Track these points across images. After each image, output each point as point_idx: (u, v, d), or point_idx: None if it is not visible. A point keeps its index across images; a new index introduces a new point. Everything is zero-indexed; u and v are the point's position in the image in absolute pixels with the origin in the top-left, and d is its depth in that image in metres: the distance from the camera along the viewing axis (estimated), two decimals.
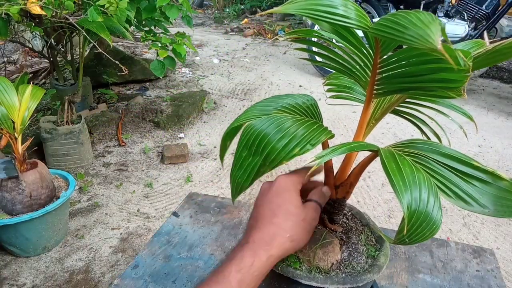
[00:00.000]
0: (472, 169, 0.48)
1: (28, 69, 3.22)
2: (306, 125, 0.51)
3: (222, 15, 6.66)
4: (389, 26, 0.40)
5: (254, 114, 0.57)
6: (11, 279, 1.53)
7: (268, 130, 0.50)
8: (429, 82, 0.45)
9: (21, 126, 1.47)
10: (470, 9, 3.11)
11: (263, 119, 0.52)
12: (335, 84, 0.69)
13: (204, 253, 0.89)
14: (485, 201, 0.46)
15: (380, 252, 0.62)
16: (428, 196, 0.43)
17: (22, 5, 1.48)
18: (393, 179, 0.44)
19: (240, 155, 0.51)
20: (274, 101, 0.60)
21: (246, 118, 0.56)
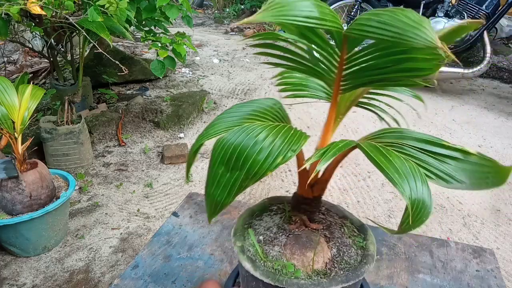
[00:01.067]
0: (444, 149, 0.52)
1: (28, 69, 3.22)
2: (283, 132, 0.50)
3: (222, 15, 6.65)
4: (381, 28, 0.40)
5: (224, 127, 0.53)
6: (11, 279, 1.53)
7: (245, 143, 0.48)
8: (398, 73, 0.47)
9: (21, 126, 1.47)
10: (470, 9, 3.11)
11: (236, 131, 0.50)
12: (289, 83, 0.67)
13: (204, 253, 0.89)
14: (461, 176, 0.50)
15: (367, 241, 0.63)
16: (421, 184, 0.46)
17: (22, 5, 1.48)
18: (387, 172, 0.45)
19: (215, 172, 0.49)
20: (240, 109, 0.57)
21: (216, 132, 0.53)
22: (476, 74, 3.13)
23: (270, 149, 0.47)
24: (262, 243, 0.60)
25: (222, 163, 0.48)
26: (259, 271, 0.54)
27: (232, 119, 0.55)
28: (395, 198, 2.02)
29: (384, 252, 0.90)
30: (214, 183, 0.49)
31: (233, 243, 0.58)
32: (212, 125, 0.55)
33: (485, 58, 3.07)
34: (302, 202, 0.62)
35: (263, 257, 0.57)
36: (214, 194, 0.49)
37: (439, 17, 3.18)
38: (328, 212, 0.68)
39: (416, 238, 0.95)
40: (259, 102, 0.59)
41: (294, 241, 0.60)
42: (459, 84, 3.71)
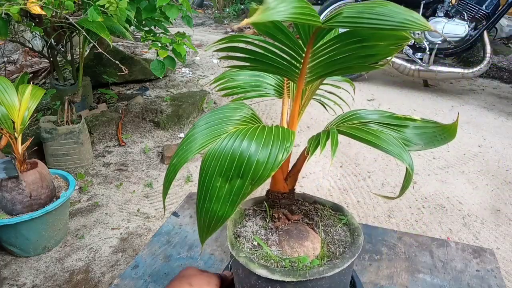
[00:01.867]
0: (398, 119, 0.60)
1: (28, 69, 3.22)
2: (273, 131, 0.50)
3: (222, 15, 6.66)
4: (379, 18, 0.43)
5: (206, 139, 0.51)
6: (11, 279, 1.53)
7: (243, 149, 0.47)
8: (359, 59, 0.50)
9: (21, 126, 1.47)
10: (470, 9, 3.11)
11: (227, 139, 0.48)
12: (234, 86, 0.66)
13: (204, 253, 0.89)
14: (416, 140, 0.59)
15: (347, 216, 0.66)
16: (406, 151, 0.52)
17: (22, 5, 1.48)
18: (383, 147, 0.50)
19: (212, 185, 0.47)
20: (213, 119, 0.54)
21: (199, 146, 0.50)
22: (476, 74, 3.13)
23: (270, 149, 0.47)
24: (257, 247, 0.60)
25: (220, 174, 0.47)
26: (277, 274, 0.54)
27: (210, 130, 0.52)
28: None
29: (384, 252, 0.90)
30: (212, 198, 0.47)
31: (236, 256, 0.56)
32: (188, 142, 0.51)
33: (485, 58, 3.07)
34: (280, 197, 0.63)
35: (277, 258, 0.57)
36: (213, 209, 0.47)
37: (439, 17, 3.18)
38: (299, 202, 0.69)
39: (416, 238, 0.95)
40: (228, 108, 0.56)
41: (287, 236, 0.60)
42: (459, 84, 3.71)
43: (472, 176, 2.21)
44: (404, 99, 3.26)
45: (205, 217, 0.48)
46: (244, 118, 0.55)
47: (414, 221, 1.85)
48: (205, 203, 0.47)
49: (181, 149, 0.52)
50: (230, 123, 0.53)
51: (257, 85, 0.66)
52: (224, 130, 0.51)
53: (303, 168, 0.62)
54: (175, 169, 0.51)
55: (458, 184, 2.14)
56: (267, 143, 0.47)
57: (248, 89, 0.66)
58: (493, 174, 2.23)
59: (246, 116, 0.55)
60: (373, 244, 0.92)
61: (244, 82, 0.66)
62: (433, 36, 3.15)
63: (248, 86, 0.66)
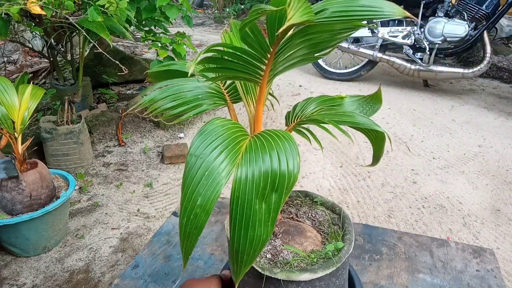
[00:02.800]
0: (334, 100, 0.67)
1: (28, 69, 3.22)
2: (276, 136, 0.51)
3: (222, 15, 6.65)
4: (363, 10, 0.47)
5: (226, 172, 0.46)
6: (11, 279, 1.53)
7: (270, 160, 0.45)
8: (311, 51, 0.53)
9: (21, 126, 1.47)
10: (470, 9, 3.11)
11: (249, 160, 0.46)
12: (172, 107, 0.60)
13: (204, 253, 0.89)
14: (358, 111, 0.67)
15: (317, 197, 0.69)
16: (374, 122, 0.57)
17: (22, 5, 1.48)
18: (362, 123, 0.56)
19: (252, 210, 0.44)
20: (208, 140, 0.49)
21: (224, 178, 0.46)
22: (476, 74, 3.13)
23: (285, 154, 0.47)
24: (272, 258, 0.59)
25: (257, 195, 0.44)
26: (320, 271, 0.54)
27: (217, 151, 0.47)
28: (395, 198, 2.02)
29: (384, 252, 0.90)
30: (255, 223, 0.44)
31: (273, 275, 0.54)
32: (192, 183, 0.45)
33: (485, 58, 3.07)
34: None
35: (307, 256, 0.58)
36: (258, 234, 0.44)
37: (439, 17, 3.18)
38: None
39: (416, 238, 0.95)
40: (214, 124, 0.52)
41: (289, 236, 0.60)
42: (459, 84, 3.71)
43: (472, 176, 2.21)
44: (404, 99, 3.26)
45: (248, 248, 0.44)
46: (236, 130, 0.52)
47: (414, 221, 1.85)
48: (247, 232, 0.44)
49: (192, 186, 0.44)
50: (232, 142, 0.49)
51: (196, 98, 0.62)
52: (235, 152, 0.48)
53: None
54: (198, 226, 0.44)
55: (458, 184, 2.14)
56: (282, 149, 0.47)
57: (189, 104, 0.61)
58: (493, 174, 2.23)
59: (237, 129, 0.52)
60: (373, 244, 0.92)
61: (183, 100, 0.61)
62: (433, 36, 3.15)
63: (188, 100, 0.61)
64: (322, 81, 3.69)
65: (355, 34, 3.50)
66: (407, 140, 2.60)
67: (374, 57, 3.38)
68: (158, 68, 0.68)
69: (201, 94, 0.62)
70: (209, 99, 0.63)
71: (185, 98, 0.61)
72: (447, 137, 2.65)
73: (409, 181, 2.16)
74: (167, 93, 0.61)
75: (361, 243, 0.92)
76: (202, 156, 0.46)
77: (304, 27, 0.47)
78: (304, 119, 0.60)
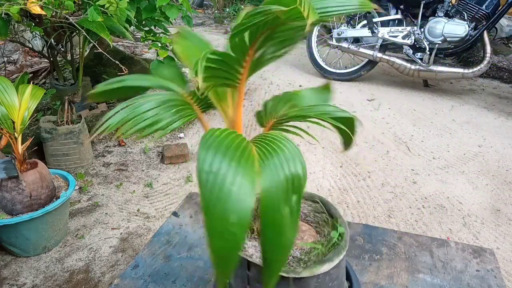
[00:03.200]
0: (293, 94, 0.71)
1: (28, 69, 3.22)
2: (280, 139, 0.52)
3: (222, 15, 6.65)
4: (340, 5, 0.50)
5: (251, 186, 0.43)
6: (11, 279, 1.53)
7: (289, 163, 0.45)
8: (289, 39, 0.54)
9: (21, 126, 1.47)
10: (470, 9, 3.10)
11: (267, 168, 0.45)
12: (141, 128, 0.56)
13: (204, 253, 0.89)
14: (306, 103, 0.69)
15: (305, 194, 0.71)
16: (344, 110, 0.61)
17: (22, 5, 1.48)
18: (338, 113, 0.59)
19: (283, 216, 0.43)
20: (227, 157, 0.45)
21: (252, 184, 0.43)
22: (476, 74, 3.13)
23: (295, 154, 0.48)
24: None
25: (284, 201, 0.43)
26: (336, 259, 0.55)
27: (233, 163, 0.44)
28: (395, 198, 2.02)
29: (384, 252, 0.90)
30: (285, 229, 0.43)
31: (298, 275, 0.54)
32: (218, 202, 0.41)
33: (485, 58, 3.07)
34: None
35: (318, 247, 0.58)
36: (288, 238, 0.43)
37: (439, 17, 3.18)
38: None
39: (416, 238, 0.95)
40: (214, 136, 0.49)
41: None
42: (459, 84, 3.71)
43: (472, 176, 2.21)
44: (404, 99, 3.26)
45: (280, 255, 0.43)
46: (236, 137, 0.50)
47: (414, 221, 1.85)
48: (280, 239, 0.43)
49: (221, 213, 0.40)
50: (241, 150, 0.47)
51: (158, 120, 0.57)
52: (250, 160, 0.45)
53: None
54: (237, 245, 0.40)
55: (458, 184, 2.14)
56: (286, 151, 0.47)
57: (161, 122, 0.56)
58: (493, 174, 2.23)
59: (237, 136, 0.51)
60: (373, 244, 0.92)
61: (155, 118, 0.57)
62: (433, 36, 3.15)
63: (159, 119, 0.57)
64: (322, 81, 3.69)
65: (355, 34, 3.50)
66: (407, 140, 2.60)
67: (374, 57, 3.38)
68: (105, 87, 0.60)
69: (170, 109, 0.57)
70: (181, 113, 0.58)
71: (156, 117, 0.55)
72: (447, 137, 2.65)
73: (409, 181, 2.16)
74: (134, 114, 0.55)
75: (361, 243, 0.92)
76: (218, 171, 0.43)
77: (276, 27, 0.48)
78: (285, 117, 0.59)
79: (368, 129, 2.73)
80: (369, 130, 2.71)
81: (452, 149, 2.50)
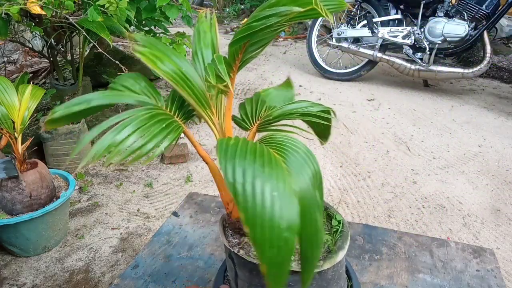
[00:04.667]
0: (263, 90, 0.73)
1: (28, 69, 3.22)
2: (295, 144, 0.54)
3: (222, 15, 6.65)
4: None
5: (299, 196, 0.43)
6: (11, 279, 1.53)
7: (306, 164, 0.47)
8: (260, 44, 0.56)
9: (21, 126, 1.47)
10: (470, 9, 3.11)
11: (296, 168, 0.45)
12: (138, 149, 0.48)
13: (204, 253, 0.89)
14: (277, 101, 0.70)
15: None
16: (317, 104, 0.62)
17: (22, 5, 1.48)
18: (318, 114, 0.59)
19: (318, 220, 0.43)
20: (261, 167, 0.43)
21: (289, 186, 0.41)
22: (476, 74, 3.13)
23: (307, 151, 0.50)
24: None
25: (314, 199, 0.44)
26: (346, 244, 0.58)
27: (266, 169, 0.42)
28: (395, 198, 2.02)
29: (384, 252, 0.90)
30: (321, 227, 0.43)
31: (324, 267, 0.55)
32: (263, 211, 0.39)
33: (485, 58, 3.07)
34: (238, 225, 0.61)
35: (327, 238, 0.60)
36: (320, 237, 0.44)
37: (439, 17, 3.18)
38: None
39: (416, 238, 0.95)
40: (228, 144, 0.47)
41: None
42: (459, 84, 3.71)
43: (472, 176, 2.21)
44: (404, 99, 3.26)
45: (319, 251, 0.44)
46: (250, 142, 0.49)
47: (414, 221, 1.85)
48: (318, 235, 0.43)
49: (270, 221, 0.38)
50: (265, 155, 0.45)
51: (146, 143, 0.49)
52: (276, 163, 0.44)
53: None
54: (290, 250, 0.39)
55: (458, 184, 2.14)
56: (298, 150, 0.48)
57: (157, 137, 0.50)
58: (493, 174, 2.23)
59: (248, 141, 0.50)
60: (373, 244, 0.92)
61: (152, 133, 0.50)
62: (433, 36, 3.15)
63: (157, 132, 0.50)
64: (322, 81, 3.69)
65: (355, 34, 3.50)
66: (407, 140, 2.60)
67: (374, 57, 3.38)
68: (67, 110, 0.50)
69: (158, 127, 0.50)
70: (169, 129, 0.51)
71: (143, 139, 0.48)
72: (447, 137, 2.65)
73: (409, 181, 2.16)
74: (116, 140, 0.48)
75: (361, 243, 0.92)
76: (254, 179, 0.41)
77: (263, 27, 0.48)
78: (271, 118, 0.59)
79: (368, 129, 2.73)
80: (369, 130, 2.71)
81: (452, 149, 2.50)
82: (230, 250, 0.59)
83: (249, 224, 0.38)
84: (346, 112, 3.00)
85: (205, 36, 0.62)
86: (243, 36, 0.47)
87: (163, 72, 0.55)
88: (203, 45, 0.61)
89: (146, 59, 0.54)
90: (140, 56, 0.54)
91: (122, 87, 0.60)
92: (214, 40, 0.62)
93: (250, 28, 0.46)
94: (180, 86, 0.55)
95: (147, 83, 0.59)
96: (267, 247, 0.38)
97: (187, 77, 0.57)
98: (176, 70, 0.56)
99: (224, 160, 0.43)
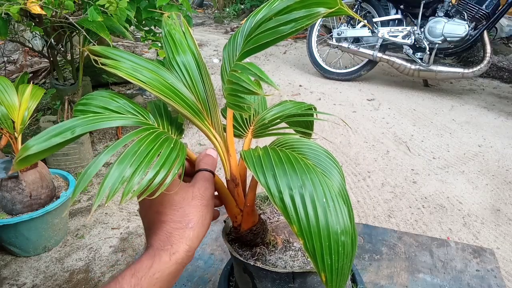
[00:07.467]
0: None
1: (28, 68, 3.22)
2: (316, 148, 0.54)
3: (222, 14, 6.65)
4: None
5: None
6: (11, 279, 1.53)
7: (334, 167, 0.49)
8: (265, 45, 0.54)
9: (21, 125, 1.47)
10: (470, 9, 3.10)
11: (331, 174, 0.45)
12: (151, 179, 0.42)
13: (204, 253, 0.89)
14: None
15: None
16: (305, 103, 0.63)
17: (22, 4, 1.48)
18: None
19: None
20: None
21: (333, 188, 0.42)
22: (476, 74, 3.13)
23: (327, 152, 0.52)
24: (296, 255, 0.59)
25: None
26: None
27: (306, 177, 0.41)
28: (395, 198, 2.02)
29: (384, 252, 0.90)
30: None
31: None
32: (315, 218, 0.39)
33: (485, 58, 3.07)
34: (246, 236, 0.57)
35: None
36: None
37: (439, 17, 3.18)
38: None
39: (416, 238, 0.95)
40: (254, 155, 0.46)
41: (282, 229, 0.61)
42: (459, 84, 3.71)
43: (472, 176, 2.21)
44: (404, 99, 3.26)
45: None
46: (281, 152, 0.47)
47: (414, 221, 1.85)
48: (356, 234, 0.43)
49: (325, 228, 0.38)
50: (296, 161, 0.43)
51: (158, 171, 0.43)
52: (314, 169, 0.43)
53: None
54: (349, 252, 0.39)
55: (458, 184, 2.14)
56: (319, 154, 0.50)
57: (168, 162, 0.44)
58: (493, 174, 2.23)
59: (277, 149, 0.49)
60: (373, 244, 0.92)
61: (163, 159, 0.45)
62: (433, 36, 3.15)
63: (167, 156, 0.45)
64: (322, 81, 3.69)
65: (355, 34, 3.50)
66: (407, 140, 2.60)
67: (374, 57, 3.38)
68: (46, 143, 0.39)
69: (165, 150, 0.45)
70: (176, 151, 0.45)
71: (165, 153, 0.43)
72: (447, 137, 2.65)
73: (409, 181, 2.16)
74: (139, 159, 0.43)
75: (361, 243, 0.92)
76: (302, 188, 0.40)
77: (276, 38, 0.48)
78: (266, 122, 0.57)
79: (368, 129, 2.73)
80: (369, 130, 2.71)
81: (452, 149, 2.50)
82: (245, 263, 0.55)
83: (304, 235, 0.38)
84: (346, 112, 3.00)
85: (181, 43, 0.54)
86: (251, 48, 0.45)
87: (147, 85, 0.47)
88: (181, 52, 0.53)
89: (124, 74, 0.46)
90: (120, 72, 0.46)
91: (99, 108, 0.50)
92: (193, 47, 0.55)
93: (258, 41, 0.44)
94: (173, 99, 0.48)
95: (125, 99, 0.50)
96: (326, 255, 0.38)
97: (176, 89, 0.50)
98: (162, 82, 0.49)
99: (262, 176, 0.41)
